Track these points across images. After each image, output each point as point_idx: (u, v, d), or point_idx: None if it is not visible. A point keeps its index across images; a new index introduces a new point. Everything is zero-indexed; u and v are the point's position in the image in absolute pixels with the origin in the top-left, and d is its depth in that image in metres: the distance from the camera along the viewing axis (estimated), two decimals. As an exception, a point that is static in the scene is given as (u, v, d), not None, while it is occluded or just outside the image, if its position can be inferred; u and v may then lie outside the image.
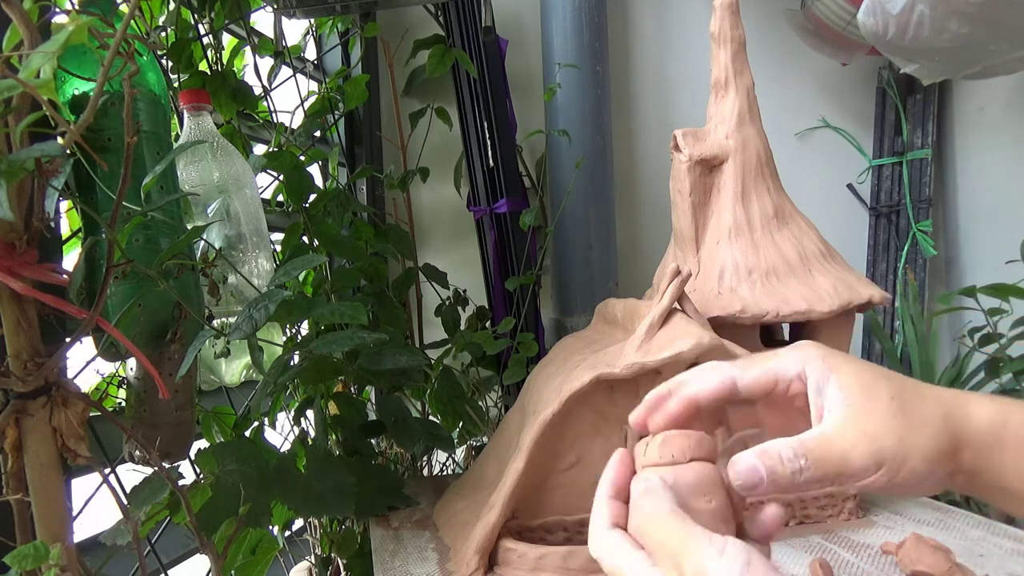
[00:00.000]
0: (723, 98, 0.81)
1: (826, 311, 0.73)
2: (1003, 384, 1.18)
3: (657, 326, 0.65)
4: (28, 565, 0.46)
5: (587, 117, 1.37)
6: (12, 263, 0.46)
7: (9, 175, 0.44)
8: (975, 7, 1.04)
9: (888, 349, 1.53)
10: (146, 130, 0.62)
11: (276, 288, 0.60)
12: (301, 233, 0.95)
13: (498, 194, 1.34)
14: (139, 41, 0.56)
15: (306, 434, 0.94)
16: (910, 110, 1.62)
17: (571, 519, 0.68)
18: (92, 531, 0.63)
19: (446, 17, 1.33)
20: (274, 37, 1.12)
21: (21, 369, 0.49)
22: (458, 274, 1.25)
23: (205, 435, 0.85)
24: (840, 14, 1.36)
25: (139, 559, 0.56)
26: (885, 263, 1.64)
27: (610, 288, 1.39)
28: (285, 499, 0.65)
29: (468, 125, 1.36)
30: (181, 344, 0.64)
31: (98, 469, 0.54)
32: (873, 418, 0.34)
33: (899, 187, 1.63)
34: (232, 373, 0.87)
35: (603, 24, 1.40)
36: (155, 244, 0.62)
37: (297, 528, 1.05)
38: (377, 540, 0.75)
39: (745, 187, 0.79)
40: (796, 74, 1.62)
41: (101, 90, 0.41)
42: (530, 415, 0.69)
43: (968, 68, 1.22)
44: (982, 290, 1.11)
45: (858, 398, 0.35)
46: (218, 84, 0.93)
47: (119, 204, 0.49)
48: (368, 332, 0.67)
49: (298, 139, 1.08)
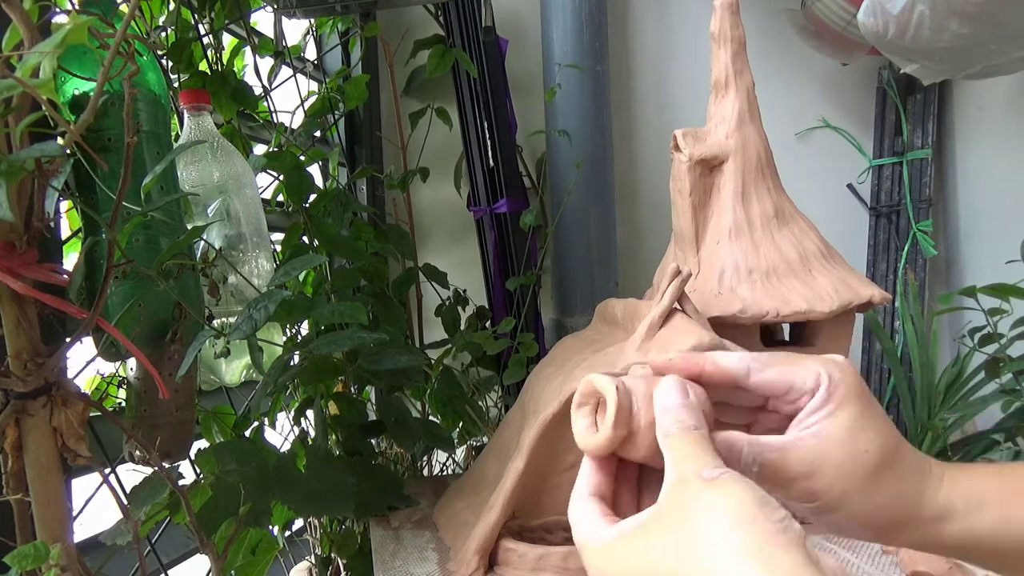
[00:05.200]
0: (723, 98, 0.81)
1: (826, 311, 0.73)
2: (1003, 384, 1.18)
3: (657, 326, 0.65)
4: (28, 565, 0.46)
5: (587, 117, 1.37)
6: (12, 263, 0.46)
7: (9, 175, 0.44)
8: (975, 7, 1.04)
9: (888, 349, 1.53)
10: (146, 130, 0.62)
11: (276, 288, 0.60)
12: (301, 233, 0.94)
13: (498, 194, 1.34)
14: (139, 41, 0.56)
15: (306, 434, 0.94)
16: (910, 110, 1.62)
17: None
18: (92, 531, 0.63)
19: (446, 17, 1.33)
20: (274, 37, 1.12)
21: (21, 369, 0.49)
22: (458, 274, 1.25)
23: (205, 435, 0.85)
24: (840, 14, 1.36)
25: (139, 559, 0.56)
26: (885, 263, 1.64)
27: (610, 288, 1.39)
28: (285, 499, 0.65)
29: (468, 125, 1.36)
30: (181, 344, 0.64)
31: (98, 469, 0.54)
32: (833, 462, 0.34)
33: (899, 187, 1.63)
34: (232, 373, 0.87)
35: (603, 24, 1.40)
36: (155, 244, 0.62)
37: (297, 528, 1.05)
38: (377, 540, 0.75)
39: (745, 187, 0.79)
40: (796, 74, 1.62)
41: (101, 90, 0.41)
42: (530, 415, 0.69)
43: (968, 68, 1.22)
44: (982, 290, 1.11)
45: (835, 439, 0.35)
46: (218, 84, 0.93)
47: (119, 204, 0.49)
48: (368, 332, 0.67)
49: (298, 139, 1.08)
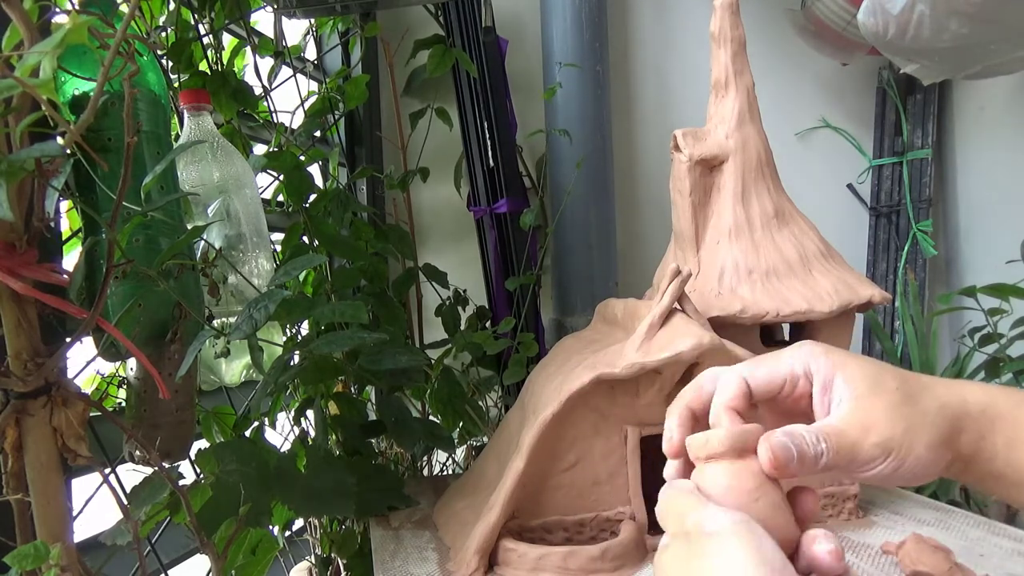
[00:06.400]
0: (723, 98, 0.81)
1: (826, 311, 0.73)
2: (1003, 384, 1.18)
3: (657, 326, 0.65)
4: (28, 565, 0.46)
5: (587, 117, 1.37)
6: (12, 263, 0.46)
7: (9, 175, 0.44)
8: (975, 7, 1.04)
9: (888, 349, 1.53)
10: (146, 130, 0.61)
11: (276, 288, 0.60)
12: (301, 233, 0.94)
13: (498, 194, 1.34)
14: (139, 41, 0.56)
15: (306, 434, 0.94)
16: (910, 110, 1.62)
17: (571, 519, 0.68)
18: (92, 531, 0.63)
19: (446, 17, 1.33)
20: (274, 37, 1.12)
21: (21, 369, 0.49)
22: (458, 274, 1.25)
23: (205, 435, 0.85)
24: (840, 14, 1.36)
25: (139, 559, 0.56)
26: (885, 263, 1.64)
27: (610, 288, 1.39)
28: (285, 499, 0.65)
29: (468, 125, 1.36)
30: (181, 344, 0.64)
31: (98, 469, 0.54)
32: (879, 410, 0.35)
33: (899, 187, 1.63)
34: (232, 373, 0.87)
35: (603, 24, 1.40)
36: (155, 244, 0.62)
37: (297, 528, 1.05)
38: (377, 540, 0.75)
39: (745, 187, 0.79)
40: (796, 74, 1.62)
41: (101, 90, 0.41)
42: (530, 415, 0.69)
43: (968, 68, 1.22)
44: (982, 290, 1.11)
45: (864, 391, 0.36)
46: (218, 84, 0.93)
47: (119, 204, 0.49)
48: (368, 332, 0.67)
49: (298, 139, 1.08)
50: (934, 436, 0.35)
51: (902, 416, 0.35)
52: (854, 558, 0.66)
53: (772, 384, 0.38)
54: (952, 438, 0.36)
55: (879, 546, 0.67)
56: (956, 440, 0.36)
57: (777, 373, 0.38)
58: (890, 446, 0.35)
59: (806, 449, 0.34)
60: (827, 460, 0.34)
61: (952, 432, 0.36)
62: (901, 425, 0.35)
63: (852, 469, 0.35)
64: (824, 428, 0.35)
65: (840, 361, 0.37)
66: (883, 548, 0.65)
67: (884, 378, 0.36)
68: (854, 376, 0.36)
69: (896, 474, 0.35)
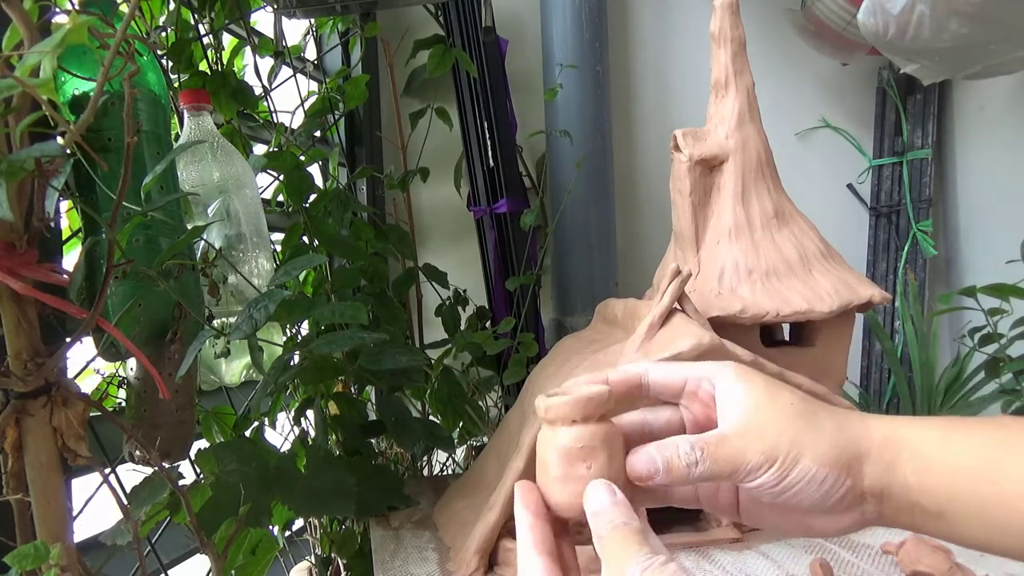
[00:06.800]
0: (723, 98, 0.81)
1: (826, 311, 0.73)
2: (1003, 384, 1.18)
3: (657, 326, 0.65)
4: (28, 565, 0.46)
5: (587, 117, 1.37)
6: (12, 263, 0.46)
7: (9, 175, 0.44)
8: (975, 7, 1.04)
9: (888, 349, 1.53)
10: (146, 130, 0.61)
11: (276, 288, 0.60)
12: (301, 233, 0.95)
13: (498, 194, 1.35)
14: (139, 41, 0.56)
15: (306, 434, 0.94)
16: (910, 110, 1.62)
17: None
18: (92, 531, 0.63)
19: (446, 17, 1.33)
20: (274, 37, 1.12)
21: (21, 369, 0.49)
22: (458, 274, 1.25)
23: (205, 435, 0.85)
24: (840, 14, 1.36)
25: (139, 559, 0.56)
26: (885, 263, 1.64)
27: (610, 288, 1.39)
28: (285, 499, 0.65)
29: (468, 125, 1.36)
30: (181, 344, 0.64)
31: (98, 469, 0.54)
32: (769, 418, 0.35)
33: (899, 187, 1.62)
34: (232, 373, 0.87)
35: (603, 24, 1.40)
36: (155, 244, 0.62)
37: (297, 528, 1.05)
38: (377, 540, 0.75)
39: (745, 187, 0.79)
40: (796, 74, 1.62)
41: (101, 90, 0.41)
42: (530, 415, 0.69)
43: (968, 68, 1.22)
44: (982, 290, 1.11)
45: (759, 401, 0.36)
46: (218, 84, 0.93)
47: (119, 204, 0.49)
48: (368, 332, 0.67)
49: (298, 139, 1.08)
50: (825, 451, 0.34)
51: (792, 426, 0.35)
52: (854, 558, 0.66)
53: (669, 382, 0.39)
54: (851, 464, 0.35)
55: (879, 546, 0.67)
56: (857, 468, 0.35)
57: (677, 373, 0.39)
58: (775, 453, 0.34)
59: (675, 461, 0.35)
60: (704, 469, 0.35)
61: (851, 457, 0.35)
62: (789, 434, 0.35)
63: (736, 477, 0.35)
64: (704, 437, 0.36)
65: (746, 376, 0.37)
66: (883, 548, 0.65)
67: (782, 393, 0.37)
68: (753, 388, 0.37)
69: (784, 485, 0.34)
